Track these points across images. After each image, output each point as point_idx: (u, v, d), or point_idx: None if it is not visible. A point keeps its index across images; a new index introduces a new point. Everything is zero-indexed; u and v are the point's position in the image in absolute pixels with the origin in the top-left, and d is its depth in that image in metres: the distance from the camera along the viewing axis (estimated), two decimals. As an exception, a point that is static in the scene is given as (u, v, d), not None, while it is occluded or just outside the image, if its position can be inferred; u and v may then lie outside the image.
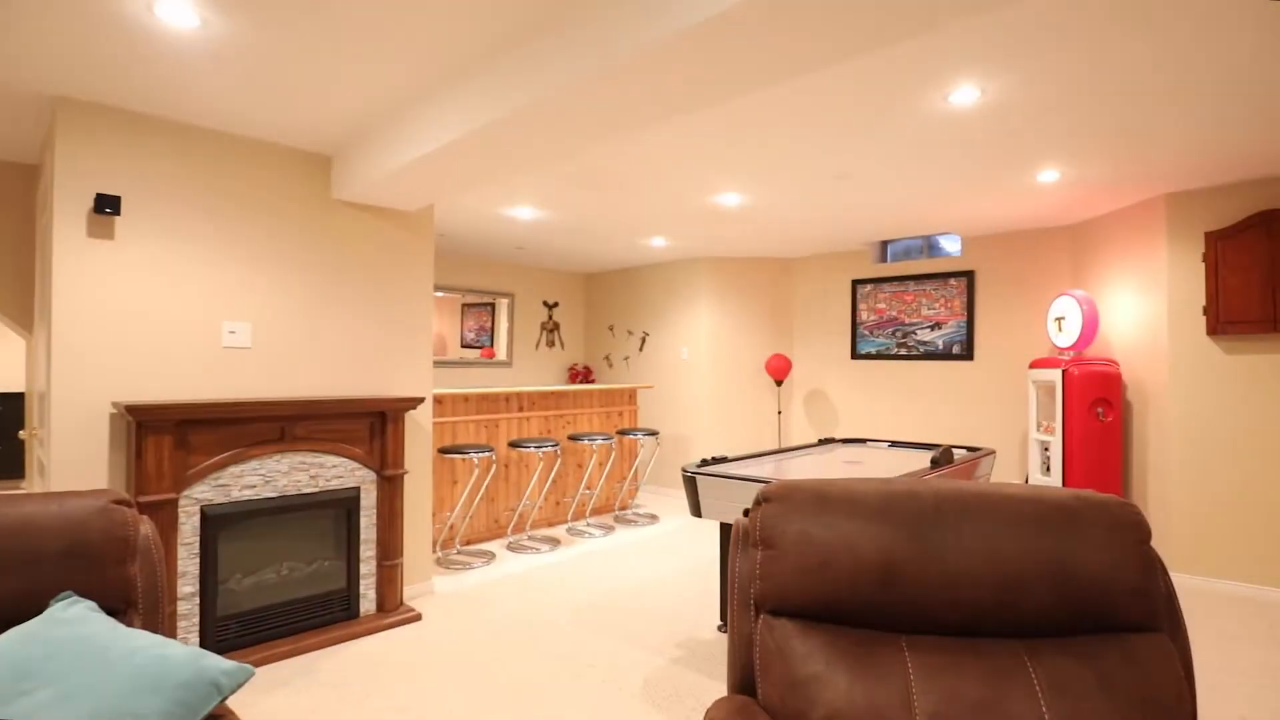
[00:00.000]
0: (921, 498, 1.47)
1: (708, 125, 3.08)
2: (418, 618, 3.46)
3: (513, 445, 4.87)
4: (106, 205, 2.73)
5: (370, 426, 3.41)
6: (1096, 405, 4.27)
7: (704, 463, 3.43)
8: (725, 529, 3.32)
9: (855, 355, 6.18)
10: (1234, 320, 3.84)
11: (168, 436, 2.74)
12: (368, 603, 3.40)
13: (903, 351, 5.86)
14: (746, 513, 3.03)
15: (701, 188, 4.13)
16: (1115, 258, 4.57)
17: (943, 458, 3.30)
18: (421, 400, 3.52)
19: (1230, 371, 3.91)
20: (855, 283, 6.19)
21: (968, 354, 5.49)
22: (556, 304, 7.60)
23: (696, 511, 3.19)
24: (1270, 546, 3.81)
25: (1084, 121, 2.97)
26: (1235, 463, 3.90)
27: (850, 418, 6.21)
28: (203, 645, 2.85)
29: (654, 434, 5.72)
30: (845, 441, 4.62)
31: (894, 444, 4.44)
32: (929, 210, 4.65)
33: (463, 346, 6.80)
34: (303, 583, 3.21)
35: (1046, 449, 4.52)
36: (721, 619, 3.33)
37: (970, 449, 3.97)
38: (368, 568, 3.40)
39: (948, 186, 4.04)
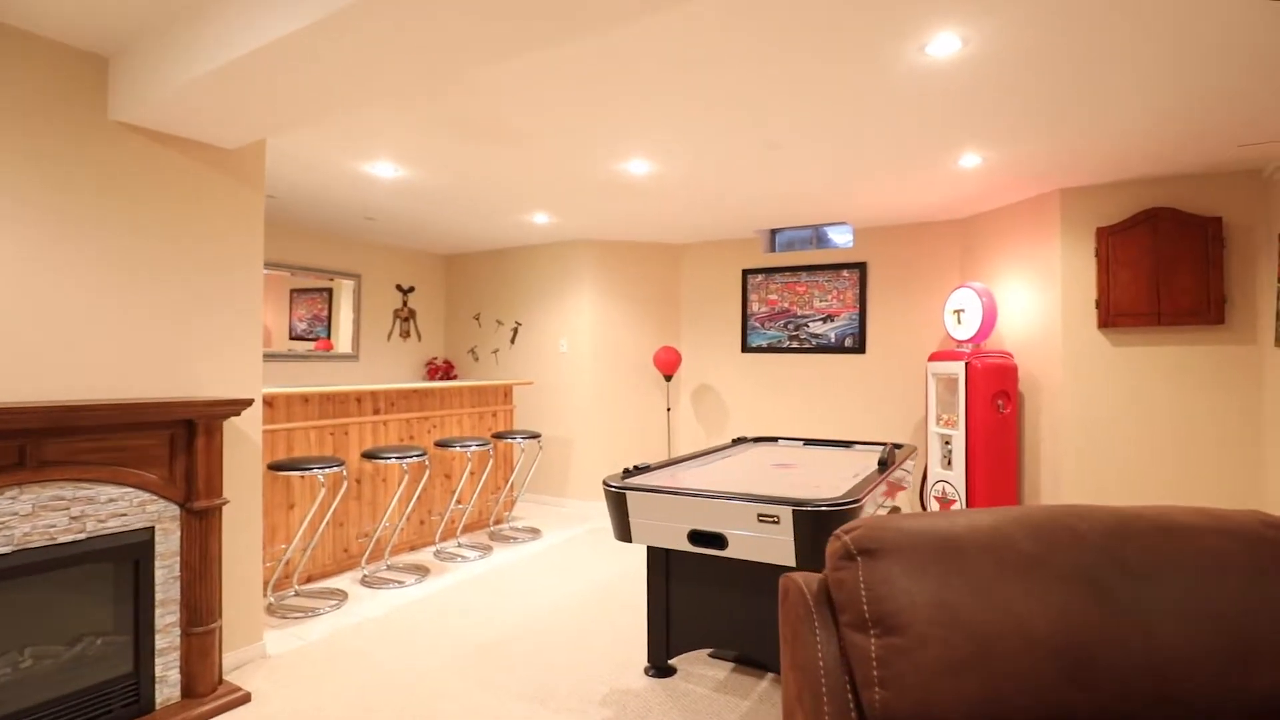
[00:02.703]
0: (1084, 534, 1.01)
1: (629, 67, 2.50)
2: (245, 698, 2.54)
3: (367, 456, 3.97)
4: None
5: (170, 441, 2.44)
6: (997, 398, 4.25)
7: (627, 473, 2.85)
8: (654, 553, 2.76)
9: (746, 348, 5.89)
10: (1123, 313, 3.95)
11: None
12: (169, 688, 2.43)
13: (794, 344, 5.66)
14: (689, 537, 2.37)
15: (609, 148, 3.52)
16: (1008, 252, 4.61)
17: (889, 457, 2.99)
18: (249, 403, 2.60)
19: (1118, 364, 4.02)
20: (746, 272, 5.90)
21: (860, 347, 5.38)
22: (412, 289, 6.61)
23: (624, 535, 2.60)
24: (1151, 531, 3.96)
25: (1032, 94, 2.77)
26: (1125, 454, 4.01)
27: (741, 414, 5.92)
28: None
29: (536, 436, 5.04)
30: (757, 440, 4.25)
31: (808, 442, 4.14)
32: (834, 195, 4.41)
33: (291, 338, 5.63)
34: (61, 674, 2.19)
35: (948, 442, 4.46)
36: (649, 660, 2.77)
37: (895, 446, 3.74)
38: (168, 639, 2.43)
39: (871, 163, 3.78)
